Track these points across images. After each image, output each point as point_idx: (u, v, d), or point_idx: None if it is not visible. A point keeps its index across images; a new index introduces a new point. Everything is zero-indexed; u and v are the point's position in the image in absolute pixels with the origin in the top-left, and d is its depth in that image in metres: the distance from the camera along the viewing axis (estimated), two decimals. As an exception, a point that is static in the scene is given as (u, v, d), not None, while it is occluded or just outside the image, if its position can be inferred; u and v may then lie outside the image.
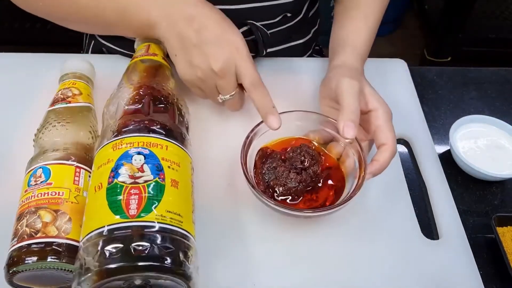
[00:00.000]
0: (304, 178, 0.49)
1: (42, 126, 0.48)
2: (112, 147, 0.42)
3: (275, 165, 0.50)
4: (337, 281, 0.47)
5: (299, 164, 0.49)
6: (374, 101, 0.51)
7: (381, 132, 0.50)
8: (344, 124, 0.48)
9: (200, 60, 0.49)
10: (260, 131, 0.52)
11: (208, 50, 0.49)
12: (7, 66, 0.65)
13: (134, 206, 0.38)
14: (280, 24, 0.67)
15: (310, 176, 0.49)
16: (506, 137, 0.62)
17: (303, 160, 0.50)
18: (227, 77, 0.50)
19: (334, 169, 0.52)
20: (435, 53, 1.83)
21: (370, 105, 0.51)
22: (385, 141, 0.49)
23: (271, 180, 0.49)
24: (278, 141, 0.54)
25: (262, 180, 0.49)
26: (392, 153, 0.49)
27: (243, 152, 0.49)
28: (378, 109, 0.51)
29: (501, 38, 1.79)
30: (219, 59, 0.49)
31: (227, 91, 0.52)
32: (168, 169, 0.41)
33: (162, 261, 0.36)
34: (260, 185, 0.49)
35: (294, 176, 0.48)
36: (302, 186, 0.48)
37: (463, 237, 0.52)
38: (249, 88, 0.51)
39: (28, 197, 0.42)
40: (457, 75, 0.74)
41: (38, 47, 0.85)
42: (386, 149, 0.49)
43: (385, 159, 0.49)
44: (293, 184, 0.48)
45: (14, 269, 0.39)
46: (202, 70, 0.50)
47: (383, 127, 0.50)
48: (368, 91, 0.52)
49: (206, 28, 0.49)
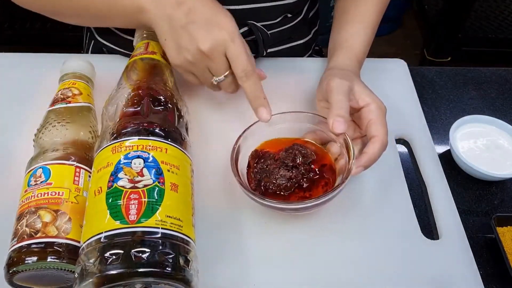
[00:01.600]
0: (295, 175, 0.49)
1: (42, 126, 0.48)
2: (112, 150, 0.42)
3: (267, 164, 0.50)
4: (337, 281, 0.47)
5: (290, 162, 0.50)
6: (366, 97, 0.51)
7: (372, 125, 0.50)
8: (334, 119, 0.48)
9: (187, 42, 0.49)
10: (253, 132, 0.52)
11: (196, 31, 0.48)
12: (7, 66, 0.65)
13: (134, 211, 0.38)
14: (281, 24, 0.67)
15: (301, 173, 0.49)
16: (506, 137, 0.62)
17: (294, 158, 0.50)
18: (216, 58, 0.50)
19: (329, 168, 0.52)
20: (435, 53, 1.83)
21: (361, 102, 0.51)
22: (376, 133, 0.49)
23: (262, 178, 0.49)
24: (273, 142, 0.54)
25: (254, 178, 0.50)
26: (382, 145, 0.49)
27: (233, 155, 0.49)
28: (370, 104, 0.51)
29: (501, 38, 1.79)
30: (206, 40, 0.48)
31: (219, 72, 0.51)
32: (168, 172, 0.41)
33: (162, 267, 0.36)
34: (252, 184, 0.50)
35: (284, 173, 0.49)
36: (292, 183, 0.49)
37: (463, 237, 0.52)
38: (241, 76, 0.50)
39: (28, 197, 0.42)
40: (457, 75, 0.74)
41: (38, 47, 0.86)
42: (376, 141, 0.49)
43: (375, 151, 0.48)
44: (283, 181, 0.48)
45: (14, 269, 0.39)
46: (191, 52, 0.49)
47: (374, 121, 0.50)
48: (359, 88, 0.52)
49: (196, 10, 0.49)
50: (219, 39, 0.48)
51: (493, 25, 1.81)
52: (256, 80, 0.51)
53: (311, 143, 0.54)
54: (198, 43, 0.48)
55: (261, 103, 0.50)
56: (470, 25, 1.78)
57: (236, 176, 0.48)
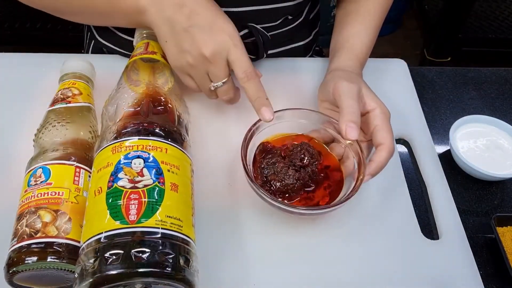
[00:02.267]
0: (302, 176, 0.49)
1: (42, 126, 0.48)
2: (112, 150, 0.42)
3: (275, 161, 0.50)
4: (337, 281, 0.47)
5: (298, 162, 0.49)
6: (372, 102, 0.51)
7: (379, 132, 0.50)
8: (346, 125, 0.47)
9: (190, 45, 0.49)
10: (262, 126, 0.52)
11: (199, 35, 0.48)
12: (7, 66, 0.65)
13: (134, 211, 0.38)
14: (281, 26, 0.67)
15: (308, 174, 0.49)
16: (505, 137, 0.62)
17: (302, 158, 0.50)
18: (218, 63, 0.50)
19: (334, 169, 0.52)
20: (435, 53, 1.83)
21: (368, 106, 0.51)
22: (383, 141, 0.49)
23: (269, 174, 0.49)
24: (280, 137, 0.54)
25: (261, 174, 0.50)
26: (389, 153, 0.49)
27: (244, 146, 0.49)
28: (375, 109, 0.51)
29: (500, 38, 1.79)
30: (209, 44, 0.48)
31: (218, 78, 0.51)
32: (168, 172, 0.41)
33: (162, 267, 0.36)
34: (258, 179, 0.49)
35: (293, 173, 0.49)
36: (299, 184, 0.49)
37: (463, 237, 0.52)
38: (242, 77, 0.50)
39: (28, 197, 0.42)
40: (457, 75, 0.74)
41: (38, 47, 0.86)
42: (383, 149, 0.49)
43: (382, 159, 0.48)
44: (290, 180, 0.48)
45: (14, 269, 0.39)
46: (192, 56, 0.49)
47: (380, 127, 0.50)
48: (366, 92, 0.52)
49: (197, 13, 0.49)
50: (221, 43, 0.48)
51: (493, 25, 1.81)
52: (257, 81, 0.51)
53: (316, 142, 0.54)
54: (200, 47, 0.48)
55: (263, 103, 0.50)
56: (470, 25, 1.78)
57: (248, 174, 0.47)
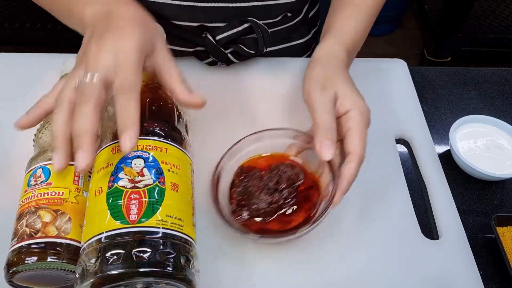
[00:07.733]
0: (276, 199, 0.47)
1: (42, 126, 0.48)
2: (112, 150, 0.42)
3: (249, 185, 0.49)
4: (336, 281, 0.47)
5: (272, 185, 0.48)
6: (348, 102, 0.47)
7: (350, 137, 0.46)
8: (321, 145, 0.44)
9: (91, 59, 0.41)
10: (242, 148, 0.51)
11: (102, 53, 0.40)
12: (7, 66, 0.65)
13: (134, 211, 0.38)
14: (280, 23, 0.67)
15: (283, 197, 0.47)
16: (505, 137, 0.62)
17: (278, 180, 0.48)
18: None
19: (313, 190, 0.49)
20: (435, 53, 1.83)
21: (342, 109, 0.47)
22: (352, 149, 0.45)
23: (243, 199, 0.48)
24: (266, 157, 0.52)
25: (236, 198, 0.49)
26: (359, 163, 0.45)
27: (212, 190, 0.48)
28: (350, 110, 0.47)
29: (500, 38, 1.79)
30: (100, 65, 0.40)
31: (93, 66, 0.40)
32: (168, 172, 0.41)
33: (163, 267, 0.36)
34: (233, 203, 0.48)
35: (265, 197, 0.47)
36: (272, 208, 0.47)
37: (463, 237, 0.52)
38: (117, 88, 0.40)
39: (28, 197, 0.42)
40: (457, 75, 0.74)
41: (38, 47, 0.85)
42: (353, 160, 0.45)
43: (352, 171, 0.45)
44: (263, 205, 0.47)
45: (14, 269, 0.39)
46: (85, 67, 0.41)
47: (353, 131, 0.46)
48: (342, 92, 0.48)
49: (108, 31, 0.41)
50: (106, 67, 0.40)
51: (493, 25, 1.81)
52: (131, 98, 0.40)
53: (297, 162, 0.51)
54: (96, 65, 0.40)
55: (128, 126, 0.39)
56: (470, 25, 1.78)
57: (214, 202, 0.46)
